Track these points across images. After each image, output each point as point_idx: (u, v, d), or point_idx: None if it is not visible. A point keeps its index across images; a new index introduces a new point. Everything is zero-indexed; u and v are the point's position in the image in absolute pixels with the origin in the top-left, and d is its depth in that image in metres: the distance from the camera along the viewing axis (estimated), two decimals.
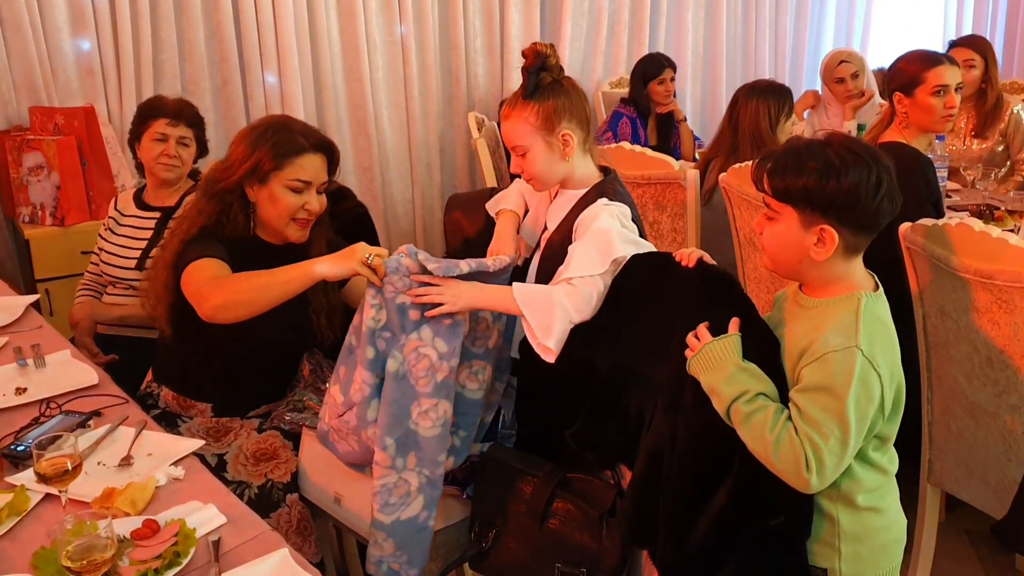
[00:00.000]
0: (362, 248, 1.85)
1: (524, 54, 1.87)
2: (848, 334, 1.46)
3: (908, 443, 1.84)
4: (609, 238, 1.77)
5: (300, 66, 4.22)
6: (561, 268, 1.80)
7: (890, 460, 1.59)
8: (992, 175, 3.62)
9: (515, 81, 4.79)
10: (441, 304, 1.77)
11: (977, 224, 1.95)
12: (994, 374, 2.02)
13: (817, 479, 1.44)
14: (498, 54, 4.83)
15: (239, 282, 1.97)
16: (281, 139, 2.11)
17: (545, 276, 1.86)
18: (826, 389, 1.44)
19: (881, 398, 1.47)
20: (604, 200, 1.84)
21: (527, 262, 2.01)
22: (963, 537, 2.75)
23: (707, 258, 1.70)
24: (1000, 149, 3.84)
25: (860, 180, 1.46)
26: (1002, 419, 2.04)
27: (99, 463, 1.80)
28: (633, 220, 1.86)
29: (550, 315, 1.72)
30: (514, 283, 1.80)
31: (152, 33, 3.88)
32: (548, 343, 1.71)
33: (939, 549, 2.38)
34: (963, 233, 1.98)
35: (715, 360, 1.51)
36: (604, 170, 1.95)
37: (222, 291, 1.94)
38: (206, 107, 3.96)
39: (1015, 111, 3.79)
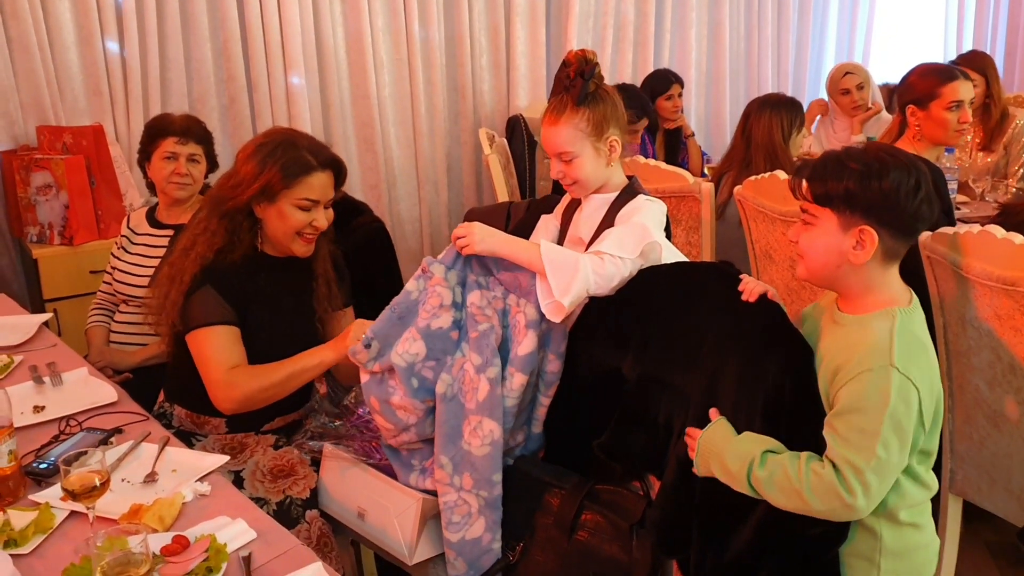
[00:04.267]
0: (357, 328, 1.98)
1: (568, 60, 1.90)
2: (882, 353, 1.46)
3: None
4: (647, 230, 1.82)
5: (307, 84, 4.23)
6: (592, 245, 1.86)
7: (931, 477, 1.58)
8: (1001, 187, 3.63)
9: (521, 98, 4.82)
10: (467, 244, 1.84)
11: (999, 231, 1.95)
12: (1017, 381, 2.02)
13: (864, 501, 1.43)
14: (504, 71, 4.85)
15: (255, 382, 2.06)
16: (290, 159, 2.09)
17: None
18: (861, 411, 1.44)
19: (920, 411, 1.46)
20: (644, 196, 1.92)
21: None
22: (982, 549, 2.73)
23: (771, 294, 1.66)
24: (1004, 163, 3.85)
25: (900, 182, 1.48)
26: None
27: (123, 480, 1.79)
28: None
29: (572, 276, 1.74)
30: (542, 240, 1.83)
31: (160, 51, 3.89)
32: (564, 300, 1.74)
33: (959, 561, 2.37)
34: (985, 240, 1.98)
35: (713, 448, 1.53)
36: (628, 177, 2.02)
37: (239, 396, 2.05)
38: (213, 125, 3.94)
39: (1019, 123, 3.80)
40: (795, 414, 1.50)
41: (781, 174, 2.72)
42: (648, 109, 4.14)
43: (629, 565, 1.71)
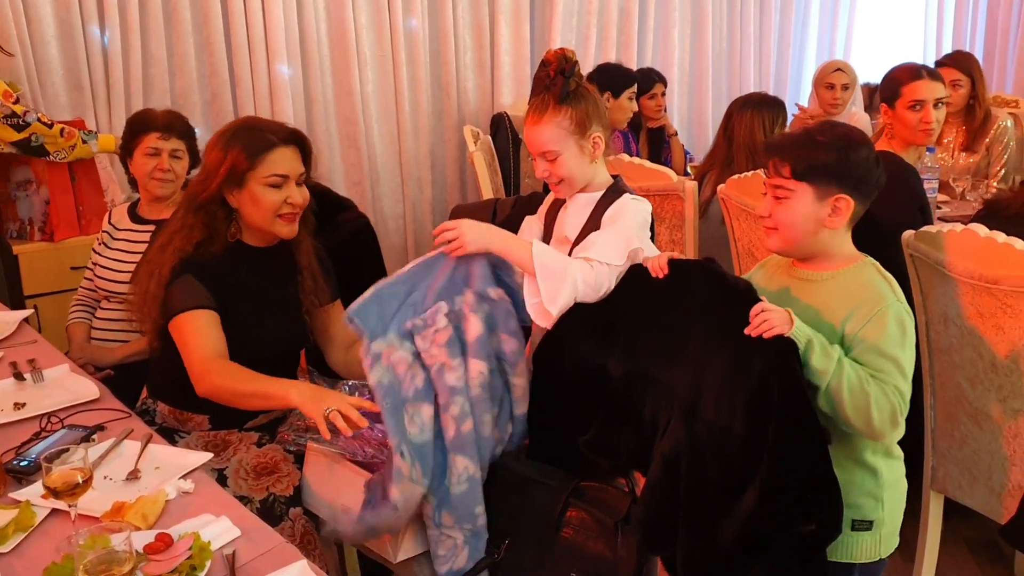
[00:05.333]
0: (335, 400, 1.86)
1: (548, 59, 1.90)
2: (886, 292, 1.64)
3: (909, 450, 1.88)
4: (632, 236, 1.84)
5: (290, 80, 4.21)
6: (579, 247, 1.85)
7: None
8: (982, 187, 3.66)
9: (505, 96, 4.82)
10: (459, 246, 1.83)
11: (982, 230, 1.97)
12: (998, 379, 2.03)
13: (902, 423, 1.58)
14: (488, 69, 4.84)
15: (225, 384, 2.01)
16: (251, 139, 2.09)
17: None
18: (891, 342, 1.60)
19: (915, 335, 1.65)
20: (630, 195, 1.93)
21: None
22: (962, 544, 2.76)
23: (675, 255, 1.77)
24: (985, 163, 3.89)
25: (869, 154, 1.66)
26: (1006, 424, 2.05)
27: (106, 477, 1.77)
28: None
29: (561, 284, 1.76)
30: (534, 240, 1.83)
31: (142, 47, 3.85)
32: (552, 309, 1.76)
33: (939, 557, 2.39)
34: (968, 239, 2.00)
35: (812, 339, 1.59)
36: (613, 176, 2.02)
37: (210, 386, 2.02)
38: (196, 121, 3.90)
39: (1002, 124, 3.83)
40: (781, 408, 1.51)
41: (764, 173, 2.73)
42: (633, 76, 4.18)
43: (614, 562, 1.72)
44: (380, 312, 1.84)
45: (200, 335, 2.06)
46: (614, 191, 1.96)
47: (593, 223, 1.91)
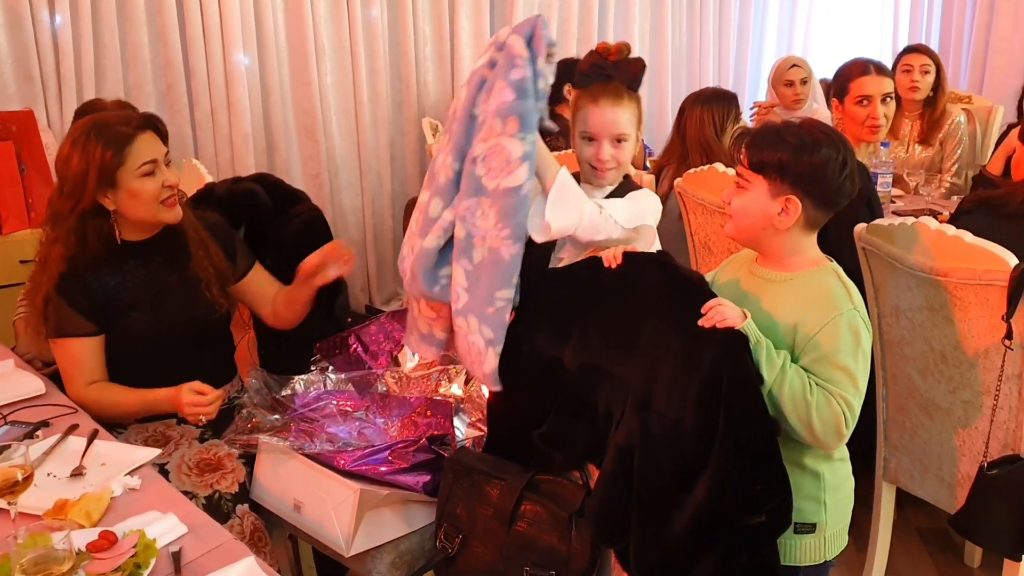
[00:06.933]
0: (185, 401, 2.02)
1: (606, 48, 1.95)
2: (843, 299, 1.62)
3: (862, 441, 1.89)
4: (646, 215, 1.89)
5: (247, 71, 4.15)
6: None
7: None
8: (935, 181, 3.71)
9: None
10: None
11: (932, 223, 1.99)
12: (948, 371, 2.06)
13: (848, 434, 1.58)
14: (448, 61, 4.81)
15: (101, 412, 2.07)
16: (109, 135, 2.04)
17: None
18: (842, 351, 1.58)
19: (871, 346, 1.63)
20: (646, 189, 2.00)
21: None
22: (914, 534, 2.80)
23: (630, 249, 1.76)
24: (939, 158, 3.94)
25: (829, 158, 1.60)
26: (956, 415, 2.08)
27: (49, 474, 1.74)
28: None
29: (571, 208, 1.76)
30: (563, 168, 1.82)
31: (94, 35, 3.78)
32: (552, 222, 1.74)
33: (891, 546, 2.42)
34: (919, 232, 2.02)
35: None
36: None
37: (88, 411, 2.05)
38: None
39: (955, 119, 3.88)
40: (731, 399, 1.51)
41: (719, 166, 2.74)
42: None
43: (568, 555, 1.72)
44: None
45: (68, 364, 2.13)
46: (628, 184, 2.00)
47: None
